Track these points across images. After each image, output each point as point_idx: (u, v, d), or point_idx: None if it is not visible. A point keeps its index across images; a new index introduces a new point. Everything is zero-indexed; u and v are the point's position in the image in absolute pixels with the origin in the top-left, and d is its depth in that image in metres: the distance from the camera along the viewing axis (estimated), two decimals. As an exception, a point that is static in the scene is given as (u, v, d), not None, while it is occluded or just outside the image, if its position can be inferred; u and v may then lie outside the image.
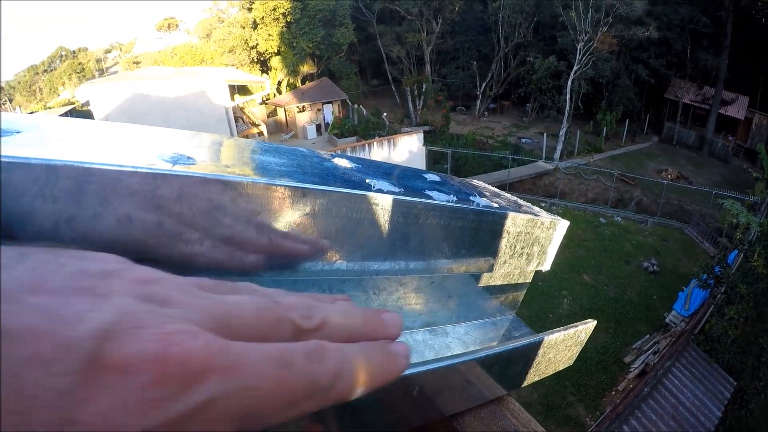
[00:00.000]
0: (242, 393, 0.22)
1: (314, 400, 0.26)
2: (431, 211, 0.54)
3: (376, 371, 0.30)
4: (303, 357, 0.25)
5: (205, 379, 0.21)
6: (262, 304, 0.28)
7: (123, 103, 21.76)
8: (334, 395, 0.27)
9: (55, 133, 0.43)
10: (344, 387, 0.27)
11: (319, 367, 0.26)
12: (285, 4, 32.06)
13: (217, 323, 0.25)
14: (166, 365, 0.20)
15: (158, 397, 0.19)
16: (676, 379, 8.74)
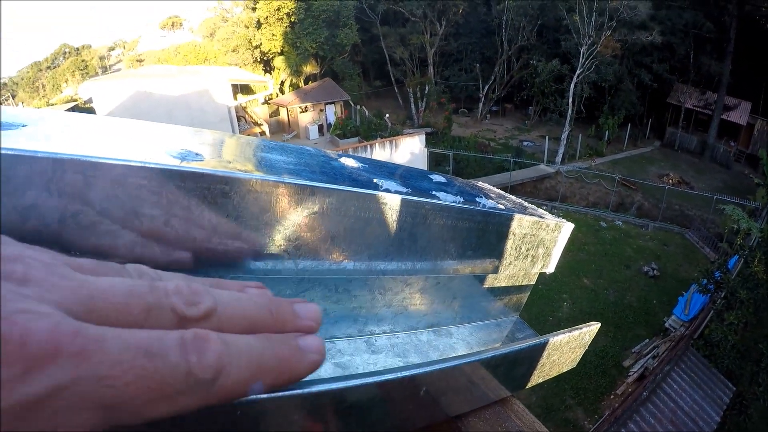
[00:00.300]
0: (96, 382, 0.20)
1: (193, 396, 0.24)
2: (439, 211, 0.54)
3: (276, 367, 0.28)
4: (176, 347, 0.23)
5: (51, 362, 0.19)
6: (137, 288, 0.26)
7: (126, 100, 21.77)
8: (219, 392, 0.25)
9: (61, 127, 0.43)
10: (231, 383, 0.25)
11: (195, 358, 0.24)
12: (289, 4, 32.05)
13: (80, 306, 0.23)
14: (6, 345, 0.19)
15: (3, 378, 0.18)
16: (675, 384, 8.73)
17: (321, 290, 0.52)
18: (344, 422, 0.41)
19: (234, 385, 0.25)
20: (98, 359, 0.21)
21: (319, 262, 0.47)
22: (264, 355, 0.27)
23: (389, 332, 0.61)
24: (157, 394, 0.22)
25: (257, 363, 0.27)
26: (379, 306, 0.58)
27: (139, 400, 0.21)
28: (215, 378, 0.24)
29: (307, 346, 0.30)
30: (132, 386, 0.21)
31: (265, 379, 0.27)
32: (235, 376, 0.25)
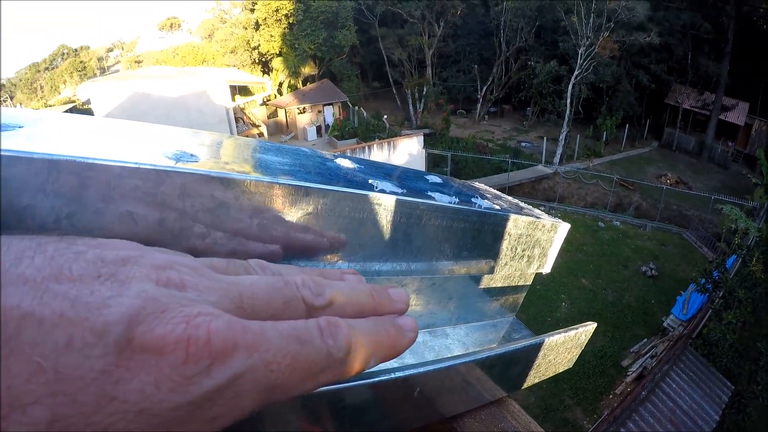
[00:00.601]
0: (265, 368, 0.23)
1: (330, 373, 0.27)
2: (434, 212, 0.54)
3: (386, 344, 0.31)
4: (317, 333, 0.27)
5: (231, 356, 0.22)
6: (273, 283, 0.29)
7: (124, 101, 21.77)
8: (348, 368, 0.28)
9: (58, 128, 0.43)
10: (357, 360, 0.28)
11: (332, 341, 0.27)
12: (287, 5, 32.05)
13: (232, 304, 0.26)
14: (194, 344, 0.21)
15: (189, 374, 0.21)
16: (673, 383, 8.74)
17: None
18: (339, 423, 0.41)
19: (359, 361, 0.29)
20: (265, 348, 0.24)
21: (313, 262, 0.47)
22: (378, 334, 0.31)
23: (384, 333, 0.61)
24: (306, 374, 0.25)
25: (375, 341, 0.30)
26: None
27: (293, 381, 0.25)
28: (346, 357, 0.27)
29: (405, 325, 0.34)
30: (290, 369, 0.24)
31: (378, 356, 0.30)
32: (360, 354, 0.29)
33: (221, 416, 0.22)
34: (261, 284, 0.29)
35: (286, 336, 0.25)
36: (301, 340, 0.26)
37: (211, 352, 0.22)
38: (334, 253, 0.48)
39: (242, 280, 0.29)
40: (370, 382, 0.40)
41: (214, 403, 0.22)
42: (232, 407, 0.23)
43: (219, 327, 0.23)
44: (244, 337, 0.23)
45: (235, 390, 0.22)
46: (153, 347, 0.20)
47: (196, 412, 0.21)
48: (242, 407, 0.23)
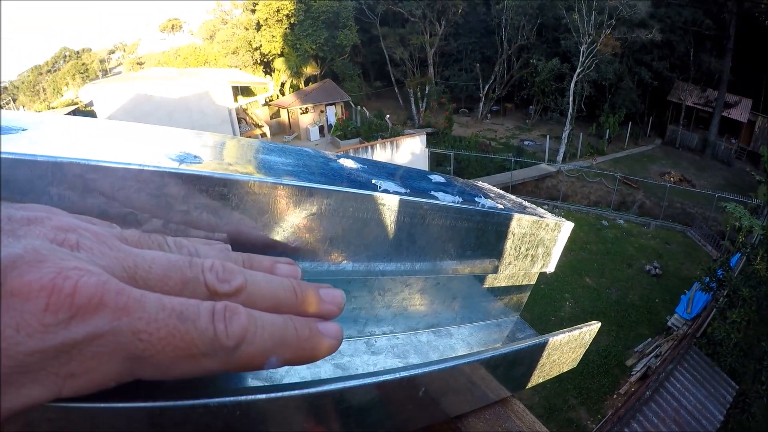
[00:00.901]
0: (132, 335, 0.23)
1: (217, 360, 0.26)
2: (437, 211, 0.54)
3: (293, 345, 0.30)
4: (207, 314, 0.26)
5: (94, 313, 0.22)
6: (176, 261, 0.29)
7: (127, 103, 21.80)
8: (239, 360, 0.27)
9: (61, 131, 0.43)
10: (252, 353, 0.27)
11: (222, 326, 0.26)
12: (289, 5, 32.08)
13: (124, 272, 0.26)
14: (57, 294, 0.21)
15: (47, 323, 0.20)
16: (678, 383, 8.73)
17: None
18: (344, 423, 0.41)
19: (253, 355, 0.27)
20: (137, 315, 0.23)
21: (317, 263, 0.47)
22: (285, 332, 0.29)
23: (389, 333, 0.61)
24: (183, 353, 0.24)
25: (279, 339, 0.29)
26: (378, 307, 0.59)
27: (166, 356, 0.24)
28: (237, 346, 0.26)
29: (327, 331, 0.32)
30: (162, 342, 0.23)
31: (282, 355, 0.29)
32: (256, 348, 0.27)
33: (79, 376, 0.22)
34: (162, 260, 0.28)
35: (168, 309, 0.25)
36: (184, 317, 0.25)
37: (73, 305, 0.21)
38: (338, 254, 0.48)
39: (144, 253, 0.28)
40: (375, 382, 0.40)
41: (71, 358, 0.21)
42: (91, 368, 0.22)
43: (88, 283, 0.22)
44: (115, 299, 0.23)
45: (95, 350, 0.22)
46: (19, 292, 0.20)
47: (50, 363, 0.21)
48: (103, 371, 0.23)
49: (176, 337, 0.24)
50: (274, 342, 0.28)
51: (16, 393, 0.20)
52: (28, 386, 0.20)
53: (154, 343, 0.23)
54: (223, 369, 0.27)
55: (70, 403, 0.21)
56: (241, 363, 0.27)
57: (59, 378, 0.21)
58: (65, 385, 0.22)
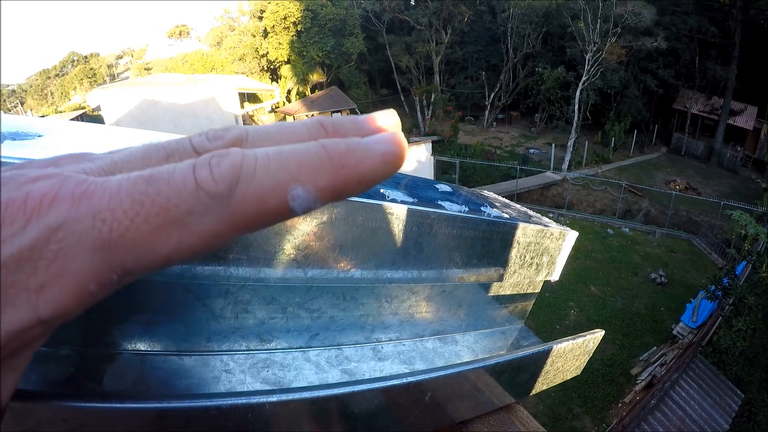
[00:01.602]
0: (91, 218, 0.20)
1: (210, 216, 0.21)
2: (444, 221, 0.55)
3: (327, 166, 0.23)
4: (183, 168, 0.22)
5: (47, 210, 0.20)
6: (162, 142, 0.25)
7: (133, 108, 21.92)
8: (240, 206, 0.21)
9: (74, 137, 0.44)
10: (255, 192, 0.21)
11: (204, 172, 0.21)
12: (295, 13, 32.23)
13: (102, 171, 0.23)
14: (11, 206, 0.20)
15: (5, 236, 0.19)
16: (683, 392, 8.68)
17: (329, 298, 0.53)
18: (351, 426, 0.42)
19: (260, 192, 0.21)
20: (97, 197, 0.20)
21: (327, 270, 0.48)
22: (307, 154, 0.23)
23: (395, 339, 0.62)
24: (160, 220, 0.20)
25: (293, 163, 0.22)
26: (385, 314, 0.59)
27: (140, 232, 0.20)
28: (231, 189, 0.21)
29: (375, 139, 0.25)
30: (128, 216, 0.20)
31: (311, 181, 0.22)
32: (260, 182, 0.21)
33: (50, 284, 0.20)
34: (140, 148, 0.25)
35: (133, 178, 0.21)
36: (153, 179, 0.21)
37: (26, 210, 0.20)
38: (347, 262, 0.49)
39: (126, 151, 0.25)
40: (382, 386, 0.41)
41: (35, 265, 0.19)
42: (60, 272, 0.20)
43: (42, 186, 0.21)
44: (72, 190, 0.20)
45: (55, 247, 0.19)
46: None
47: (15, 277, 0.19)
48: (74, 273, 0.20)
49: (145, 204, 0.20)
50: (288, 169, 0.22)
51: None
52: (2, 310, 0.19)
53: (119, 219, 0.20)
54: (231, 227, 0.22)
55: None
56: (249, 210, 0.21)
57: (30, 293, 0.19)
58: (40, 300, 0.19)
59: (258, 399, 0.31)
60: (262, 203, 0.21)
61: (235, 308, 0.47)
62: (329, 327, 0.55)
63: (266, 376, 0.48)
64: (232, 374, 0.47)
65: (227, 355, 0.48)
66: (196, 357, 0.46)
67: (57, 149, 0.39)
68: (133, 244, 0.20)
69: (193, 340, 0.46)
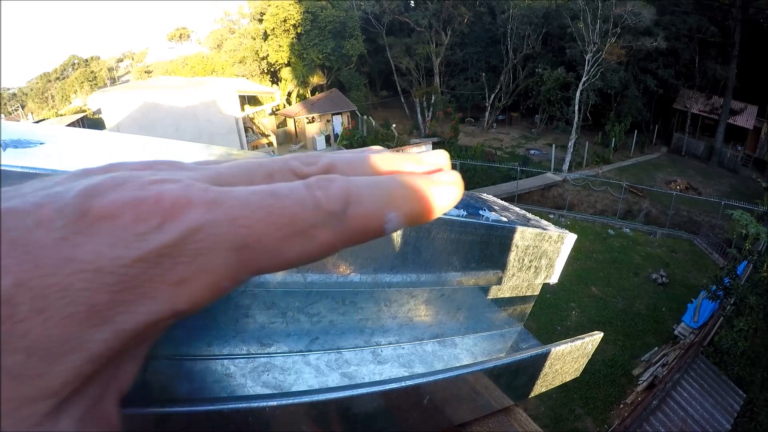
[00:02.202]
0: (230, 222, 0.22)
1: (327, 228, 0.24)
2: (443, 225, 0.55)
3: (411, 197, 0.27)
4: (300, 187, 0.25)
5: (185, 212, 0.22)
6: (260, 159, 0.28)
7: (134, 111, 21.94)
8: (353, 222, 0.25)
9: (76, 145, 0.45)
10: (363, 213, 0.25)
11: (321, 192, 0.25)
12: (295, 15, 32.24)
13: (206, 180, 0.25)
14: (143, 205, 0.21)
15: (140, 232, 0.21)
16: (685, 392, 8.67)
17: (328, 302, 0.53)
18: (350, 429, 0.43)
19: (366, 215, 0.25)
20: (229, 204, 0.22)
21: (326, 275, 0.48)
22: (394, 186, 0.27)
23: (395, 343, 0.62)
24: (290, 230, 0.23)
25: (388, 194, 0.26)
26: (384, 317, 0.60)
27: (273, 237, 0.23)
28: (344, 207, 0.25)
29: (441, 177, 0.29)
30: (263, 223, 0.23)
31: (400, 210, 0.27)
32: (366, 206, 0.25)
33: (189, 280, 0.21)
34: (244, 163, 0.28)
35: (259, 192, 0.24)
36: (277, 194, 0.24)
37: (161, 209, 0.22)
38: (346, 266, 0.49)
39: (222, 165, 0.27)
40: (381, 390, 0.42)
41: (175, 261, 0.21)
42: (199, 269, 0.21)
43: (171, 188, 0.23)
44: (202, 196, 0.23)
45: (196, 246, 0.21)
46: (106, 214, 0.21)
47: (154, 271, 0.21)
48: (212, 270, 0.22)
49: (277, 215, 0.23)
50: (384, 198, 0.26)
51: (127, 312, 0.20)
52: (139, 302, 0.21)
53: (256, 226, 0.23)
54: (341, 240, 0.25)
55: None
56: (357, 227, 0.25)
57: (169, 287, 0.21)
58: (178, 294, 0.21)
59: (259, 403, 0.32)
60: (366, 223, 0.25)
61: (236, 313, 0.48)
62: (329, 331, 0.55)
63: (267, 379, 0.49)
64: (233, 378, 0.47)
65: (228, 359, 0.48)
66: (197, 361, 0.46)
67: (60, 157, 0.39)
68: (266, 249, 0.23)
69: (194, 345, 0.46)
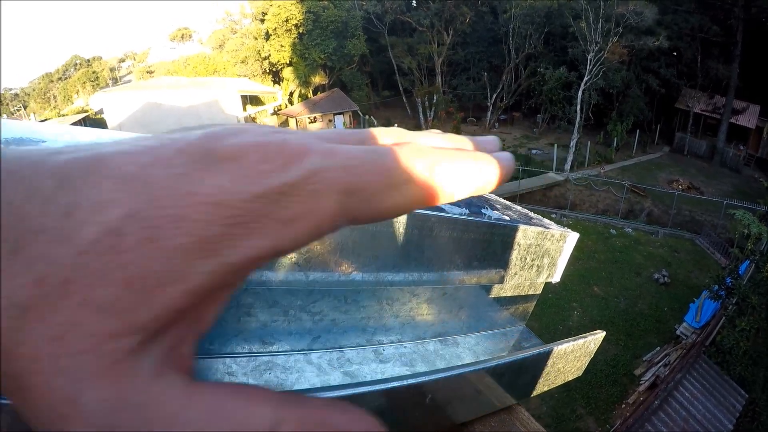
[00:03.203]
0: (341, 168, 0.24)
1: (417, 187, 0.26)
2: (445, 224, 0.55)
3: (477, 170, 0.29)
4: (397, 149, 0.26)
5: (305, 157, 0.23)
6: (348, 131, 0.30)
7: (136, 111, 21.99)
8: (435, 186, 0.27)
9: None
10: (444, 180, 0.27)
11: (412, 155, 0.26)
12: (297, 15, 32.28)
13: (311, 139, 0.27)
14: (270, 147, 0.23)
15: (265, 170, 0.22)
16: (687, 392, 8.66)
17: (331, 301, 0.53)
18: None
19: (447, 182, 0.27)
20: (343, 155, 0.24)
21: (328, 273, 0.48)
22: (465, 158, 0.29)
23: (397, 342, 0.62)
24: (389, 181, 0.25)
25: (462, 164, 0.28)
26: (386, 316, 0.60)
27: (376, 186, 0.24)
28: (431, 174, 0.26)
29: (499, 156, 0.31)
30: (370, 174, 0.24)
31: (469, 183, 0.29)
32: (447, 171, 0.27)
33: (300, 217, 0.23)
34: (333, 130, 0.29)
35: (365, 149, 0.26)
36: (379, 152, 0.26)
37: (286, 152, 0.23)
38: (348, 265, 0.49)
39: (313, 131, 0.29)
40: (383, 388, 0.42)
41: (291, 200, 0.22)
42: (311, 207, 0.23)
43: (292, 137, 0.24)
44: (319, 145, 0.24)
45: (312, 187, 0.23)
46: (232, 154, 0.22)
47: (271, 208, 0.22)
48: (320, 211, 0.23)
49: (380, 167, 0.25)
50: (459, 168, 0.28)
51: (235, 246, 0.21)
52: (248, 237, 0.21)
53: (363, 176, 0.24)
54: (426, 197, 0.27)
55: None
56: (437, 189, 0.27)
57: (279, 224, 0.22)
58: (284, 231, 0.22)
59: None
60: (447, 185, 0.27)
61: (238, 311, 0.48)
62: (331, 330, 0.55)
63: (269, 378, 0.49)
64: (235, 377, 0.47)
65: (230, 357, 0.48)
66: (199, 360, 0.46)
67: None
68: (368, 197, 0.24)
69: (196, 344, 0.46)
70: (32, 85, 76.78)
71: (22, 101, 73.62)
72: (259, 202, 0.21)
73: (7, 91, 78.05)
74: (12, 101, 73.59)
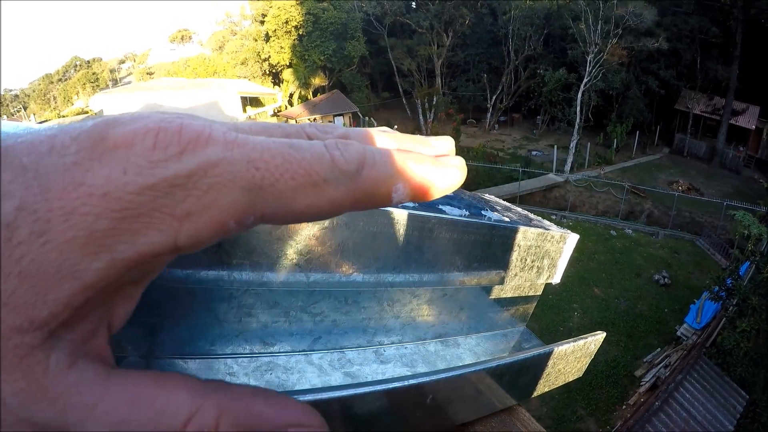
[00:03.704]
0: (247, 163, 0.22)
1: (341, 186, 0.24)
2: (445, 225, 0.55)
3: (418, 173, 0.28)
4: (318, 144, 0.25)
5: (205, 146, 0.21)
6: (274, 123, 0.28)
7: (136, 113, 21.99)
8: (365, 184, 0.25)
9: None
10: (375, 177, 0.25)
11: (337, 152, 0.25)
12: (297, 17, 32.32)
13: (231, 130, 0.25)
14: (163, 133, 0.21)
15: (156, 159, 0.20)
16: (687, 393, 8.65)
17: (331, 302, 0.53)
18: (353, 428, 0.43)
19: (377, 180, 0.26)
20: (250, 147, 0.22)
21: (329, 274, 0.48)
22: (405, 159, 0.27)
23: (397, 343, 0.62)
24: (303, 180, 0.23)
25: (399, 165, 0.27)
26: (387, 317, 0.60)
27: (286, 185, 0.23)
28: (359, 169, 0.25)
29: (446, 160, 0.30)
30: (279, 170, 0.22)
31: (407, 183, 0.27)
32: (379, 172, 0.26)
33: (196, 214, 0.21)
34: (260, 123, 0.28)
35: (278, 141, 0.24)
36: (296, 147, 0.24)
37: (182, 140, 0.21)
38: (349, 266, 0.49)
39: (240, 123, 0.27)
40: (384, 389, 0.42)
41: (187, 193, 0.21)
42: (209, 204, 0.21)
43: (194, 123, 0.22)
44: (223, 136, 0.22)
45: (211, 180, 0.21)
46: (124, 141, 0.20)
47: (164, 201, 0.20)
48: (221, 206, 0.22)
49: (293, 164, 0.23)
50: (395, 168, 0.26)
51: (127, 242, 0.20)
52: (141, 232, 0.20)
53: (272, 171, 0.22)
54: (350, 199, 0.25)
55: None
56: (367, 190, 0.25)
57: (175, 219, 0.21)
58: (182, 227, 0.21)
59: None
60: (376, 187, 0.26)
61: (239, 312, 0.48)
62: (332, 330, 0.55)
63: (269, 379, 0.49)
64: (236, 377, 0.47)
65: (231, 358, 0.48)
66: (200, 360, 0.46)
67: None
68: (278, 195, 0.23)
69: (197, 344, 0.46)
70: (32, 86, 76.72)
71: (22, 102, 73.57)
72: (149, 195, 0.20)
73: (7, 92, 77.99)
74: (12, 102, 73.53)
